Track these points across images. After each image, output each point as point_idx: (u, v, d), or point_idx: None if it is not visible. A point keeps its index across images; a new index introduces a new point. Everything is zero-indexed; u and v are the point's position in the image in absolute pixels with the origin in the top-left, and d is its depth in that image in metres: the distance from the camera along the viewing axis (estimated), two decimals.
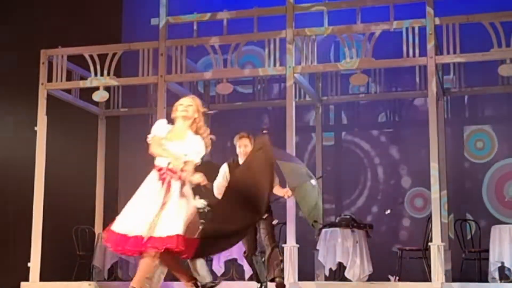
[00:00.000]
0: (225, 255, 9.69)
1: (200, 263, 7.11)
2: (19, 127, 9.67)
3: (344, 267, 9.46)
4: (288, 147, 8.76)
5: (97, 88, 9.68)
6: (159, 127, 5.52)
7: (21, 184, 9.47)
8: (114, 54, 9.55)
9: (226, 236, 5.52)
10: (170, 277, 6.84)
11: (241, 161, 6.85)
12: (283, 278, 7.25)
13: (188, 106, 5.53)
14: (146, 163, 5.64)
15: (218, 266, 9.70)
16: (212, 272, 9.81)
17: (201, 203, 6.28)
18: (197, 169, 5.36)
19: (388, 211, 9.29)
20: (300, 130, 10.94)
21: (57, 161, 9.51)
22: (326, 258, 9.54)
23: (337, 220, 10.07)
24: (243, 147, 6.89)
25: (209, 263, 9.75)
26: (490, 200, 10.49)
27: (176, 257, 5.32)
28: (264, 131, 6.25)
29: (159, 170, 5.32)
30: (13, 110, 9.58)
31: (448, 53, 8.63)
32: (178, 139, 5.41)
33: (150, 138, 5.45)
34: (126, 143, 11.52)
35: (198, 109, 5.55)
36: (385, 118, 11.37)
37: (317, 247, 9.75)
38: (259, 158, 5.60)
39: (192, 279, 5.49)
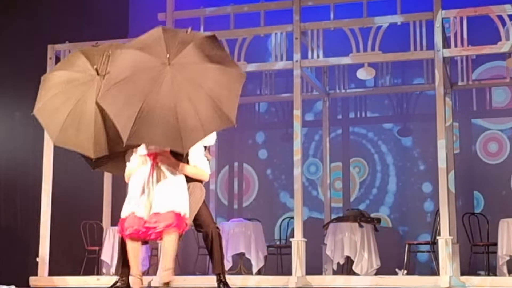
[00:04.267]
0: (233, 249, 9.72)
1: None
2: (26, 123, 9.68)
3: (352, 261, 9.47)
4: (295, 141, 8.75)
5: None
6: None
7: (29, 179, 9.50)
8: None
9: None
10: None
11: None
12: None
13: None
14: None
15: (226, 260, 9.70)
16: None
17: None
18: None
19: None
20: (307, 123, 10.97)
21: (65, 156, 9.51)
22: (334, 252, 9.55)
23: (345, 214, 10.09)
24: None
25: None
26: None
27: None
28: None
29: None
30: (20, 106, 9.60)
31: (455, 46, 8.60)
32: None
33: None
34: None
35: None
36: (392, 111, 11.37)
37: (325, 241, 9.76)
38: None
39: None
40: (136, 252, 5.33)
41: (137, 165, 5.37)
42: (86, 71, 5.27)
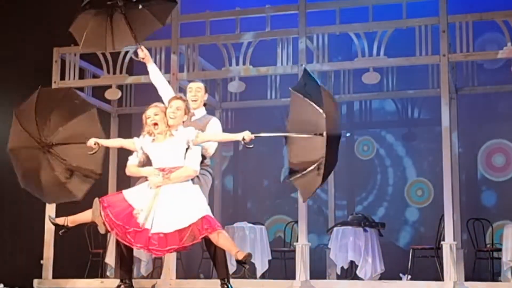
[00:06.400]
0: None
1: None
2: None
3: (356, 266, 9.46)
4: None
5: (109, 86, 9.73)
6: None
7: None
8: (126, 52, 9.57)
9: None
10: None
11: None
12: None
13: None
14: None
15: (230, 264, 9.67)
16: None
17: None
18: None
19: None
20: None
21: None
22: (338, 256, 9.53)
23: (349, 219, 10.07)
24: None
25: None
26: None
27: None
28: None
29: None
30: None
31: (461, 51, 8.59)
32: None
33: None
34: None
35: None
36: (398, 116, 11.36)
37: (329, 246, 9.75)
38: None
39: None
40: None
41: (146, 173, 5.76)
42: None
